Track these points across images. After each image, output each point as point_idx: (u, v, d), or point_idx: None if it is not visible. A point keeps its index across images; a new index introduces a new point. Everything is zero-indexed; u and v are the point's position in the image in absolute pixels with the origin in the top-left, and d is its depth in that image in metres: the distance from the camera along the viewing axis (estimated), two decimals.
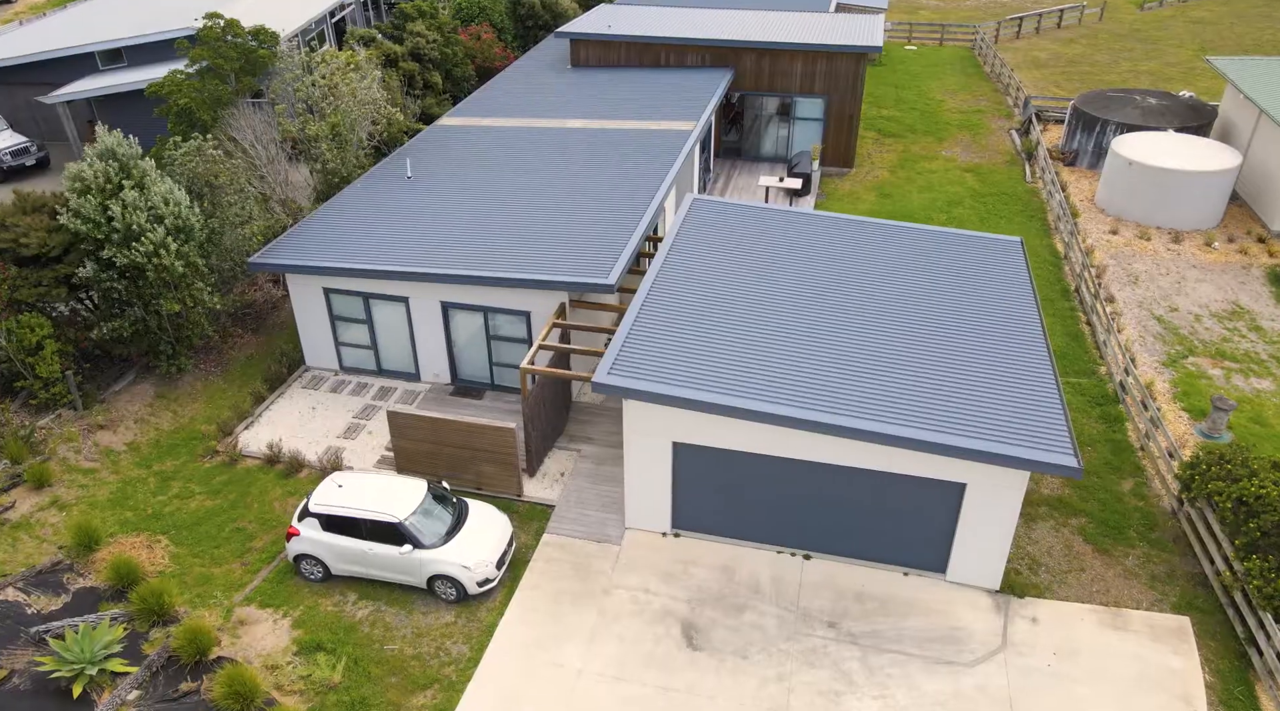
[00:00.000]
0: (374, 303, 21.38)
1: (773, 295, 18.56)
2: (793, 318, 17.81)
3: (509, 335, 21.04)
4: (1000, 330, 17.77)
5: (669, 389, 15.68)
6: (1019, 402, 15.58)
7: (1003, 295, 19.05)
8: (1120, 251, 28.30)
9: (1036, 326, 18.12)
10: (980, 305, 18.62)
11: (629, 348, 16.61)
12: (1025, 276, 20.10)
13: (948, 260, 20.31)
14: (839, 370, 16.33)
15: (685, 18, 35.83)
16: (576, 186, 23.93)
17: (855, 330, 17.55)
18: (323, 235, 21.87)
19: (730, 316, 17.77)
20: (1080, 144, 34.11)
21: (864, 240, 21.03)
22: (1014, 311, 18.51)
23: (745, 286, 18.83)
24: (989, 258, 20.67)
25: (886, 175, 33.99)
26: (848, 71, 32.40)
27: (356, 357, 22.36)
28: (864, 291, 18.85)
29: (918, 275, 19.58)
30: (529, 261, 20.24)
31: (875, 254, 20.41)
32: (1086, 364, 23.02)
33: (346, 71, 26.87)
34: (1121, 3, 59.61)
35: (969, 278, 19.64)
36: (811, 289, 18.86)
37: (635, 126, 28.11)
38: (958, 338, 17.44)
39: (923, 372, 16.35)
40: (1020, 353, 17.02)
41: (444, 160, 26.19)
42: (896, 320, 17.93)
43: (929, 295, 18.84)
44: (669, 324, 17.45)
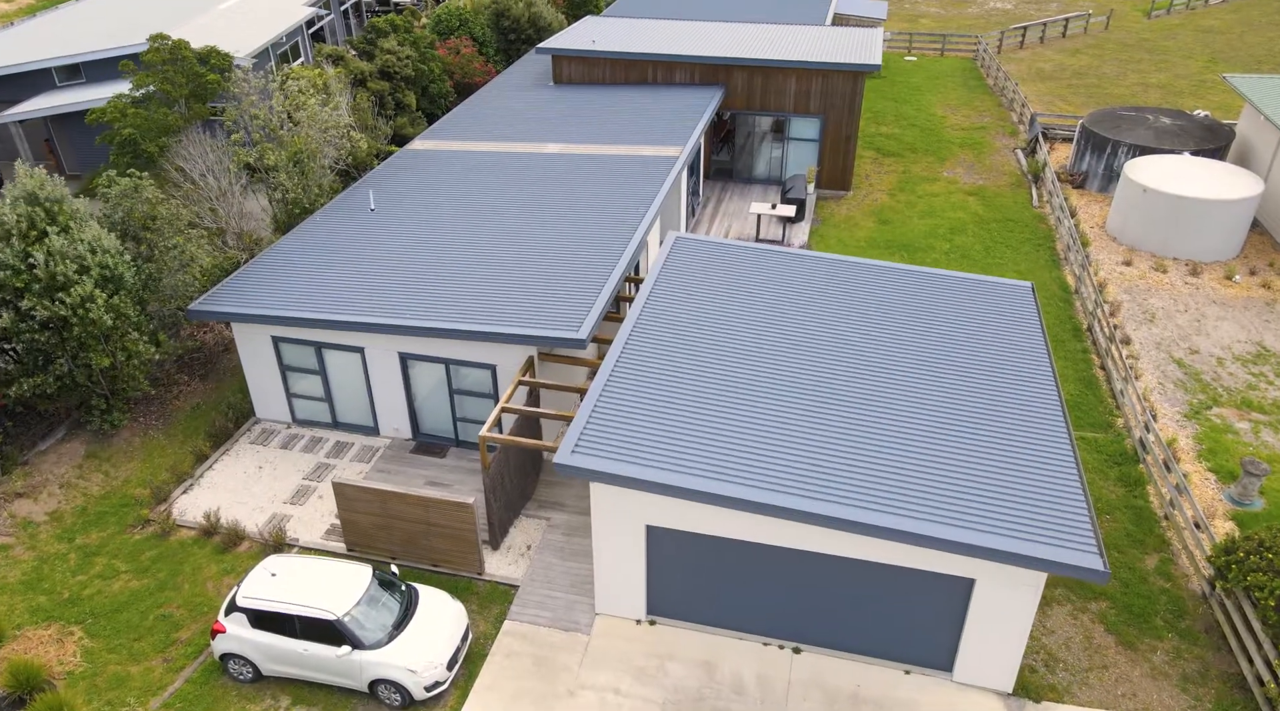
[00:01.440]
0: (327, 352, 19.61)
1: (760, 353, 16.79)
2: (782, 381, 16.03)
3: (473, 389, 19.27)
4: (1012, 396, 15.99)
5: (641, 471, 13.91)
6: (1035, 488, 13.80)
7: (1013, 353, 17.28)
8: (1135, 285, 26.53)
9: (1053, 392, 16.29)
10: (988, 365, 16.84)
11: (596, 421, 14.83)
12: (1038, 329, 18.32)
13: (952, 309, 18.54)
14: (832, 445, 14.55)
15: (674, 31, 34.07)
16: (550, 221, 22.16)
17: (850, 396, 15.78)
18: (272, 278, 20.09)
19: (712, 380, 15.99)
20: (1090, 166, 32.35)
21: (861, 286, 19.26)
22: (1026, 373, 16.73)
23: (730, 343, 17.06)
24: (997, 306, 18.90)
25: (886, 199, 32.23)
26: (845, 90, 30.63)
27: (310, 410, 20.59)
28: (861, 349, 17.07)
29: (919, 328, 17.81)
30: (494, 310, 18.47)
31: (873, 303, 18.63)
32: (1101, 415, 21.26)
33: (310, 95, 25.11)
34: (1128, 10, 57.91)
35: (976, 331, 17.86)
36: (803, 346, 17.09)
37: (617, 152, 26.34)
38: (964, 406, 15.66)
39: (925, 449, 14.58)
40: (1036, 425, 15.24)
41: (411, 189, 24.41)
42: (896, 384, 16.15)
43: (932, 353, 17.07)
44: (643, 390, 15.67)
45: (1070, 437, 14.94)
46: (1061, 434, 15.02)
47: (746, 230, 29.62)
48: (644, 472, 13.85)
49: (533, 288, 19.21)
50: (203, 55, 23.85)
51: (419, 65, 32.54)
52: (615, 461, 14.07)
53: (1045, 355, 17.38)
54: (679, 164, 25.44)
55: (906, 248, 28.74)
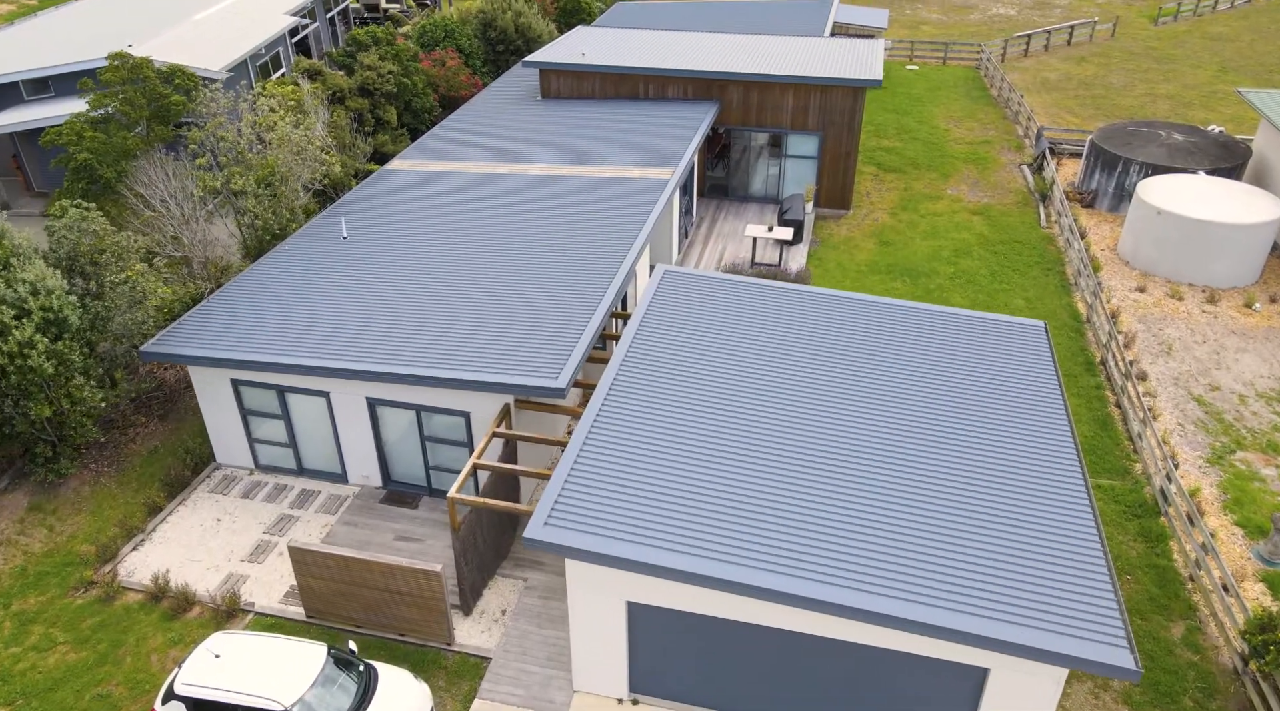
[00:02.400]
0: (290, 396, 18.31)
1: (753, 405, 15.48)
2: (776, 438, 14.73)
3: (446, 437, 17.97)
4: (1027, 456, 14.68)
5: (621, 547, 12.60)
6: (1055, 568, 12.49)
7: (1026, 404, 15.97)
8: (1149, 314, 25.23)
9: (1071, 452, 14.93)
10: (999, 418, 15.54)
11: (572, 489, 13.52)
12: (1053, 376, 17.00)
13: (959, 353, 17.23)
14: (829, 514, 13.25)
15: (667, 44, 32.78)
16: (532, 251, 20.85)
17: (850, 456, 14.48)
18: (231, 315, 18.78)
19: (701, 439, 14.69)
20: (1099, 184, 31.05)
21: (861, 326, 17.96)
22: (1041, 427, 15.43)
23: (720, 394, 15.75)
24: (1008, 347, 17.60)
25: (887, 218, 30.93)
26: (844, 106, 29.34)
27: (274, 455, 19.28)
28: (861, 400, 15.77)
29: (923, 376, 16.50)
30: (467, 354, 17.16)
31: (874, 346, 17.33)
32: (1118, 459, 19.96)
33: (282, 114, 23.82)
34: (1133, 17, 56.64)
35: (985, 379, 16.55)
36: (799, 397, 15.78)
37: (605, 174, 25.05)
38: (974, 468, 14.36)
39: (931, 518, 13.28)
40: (1054, 491, 13.94)
41: (386, 214, 23.10)
42: (899, 441, 14.85)
43: (937, 405, 15.76)
44: (624, 452, 14.36)
45: (1093, 508, 13.62)
46: (1083, 502, 13.71)
47: (742, 253, 28.33)
48: (624, 549, 12.55)
49: (510, 327, 17.91)
50: (167, 73, 22.53)
51: (401, 79, 31.24)
52: (592, 535, 12.76)
53: (1061, 407, 16.06)
54: (670, 187, 24.15)
55: (909, 272, 27.45)
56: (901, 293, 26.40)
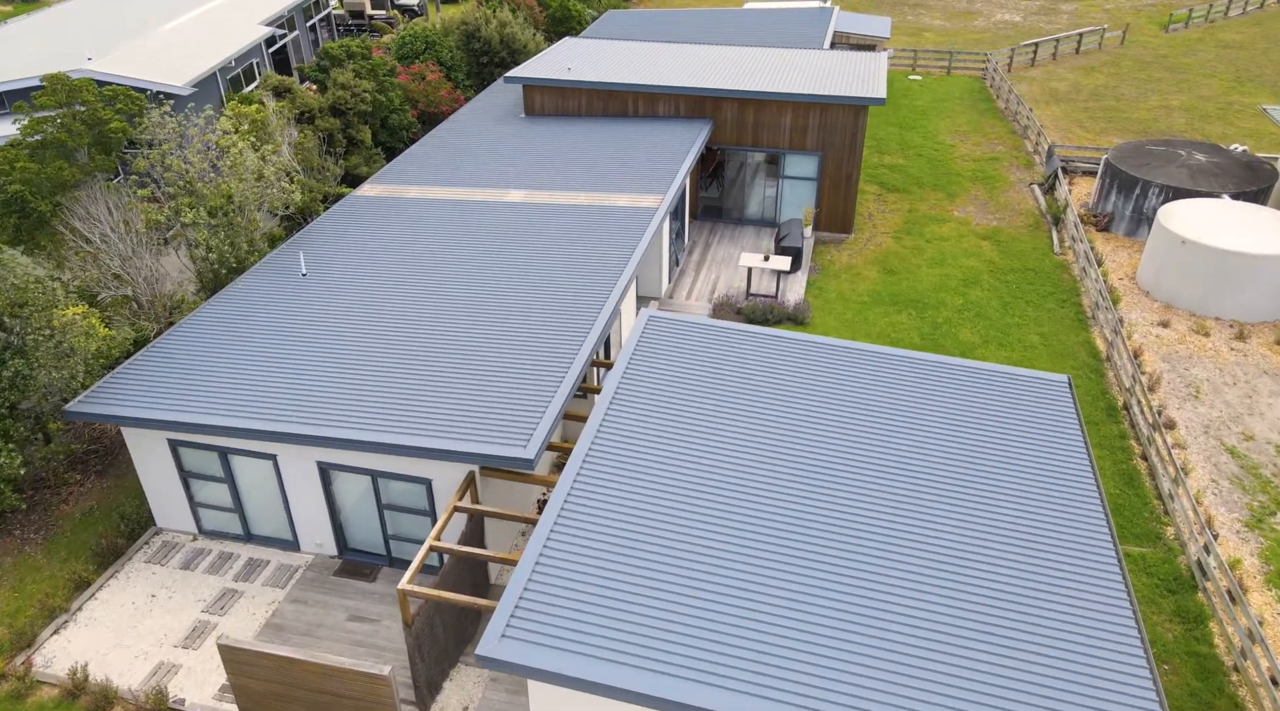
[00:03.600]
0: (234, 458, 16.54)
1: (746, 480, 13.72)
2: (773, 521, 12.97)
3: (406, 505, 16.20)
4: (1051, 534, 12.93)
5: (593, 668, 10.83)
6: (1088, 663, 10.73)
7: (1050, 472, 14.22)
8: (1174, 351, 23.48)
9: (1102, 524, 13.33)
10: (1020, 491, 13.78)
11: (535, 593, 11.76)
12: (1079, 438, 15.26)
13: (974, 413, 15.48)
14: (834, 622, 11.50)
15: (658, 57, 31.02)
16: (505, 292, 19.10)
17: (855, 540, 12.72)
18: (169, 368, 17.01)
19: (689, 524, 12.93)
20: (1116, 206, 29.30)
21: (866, 383, 16.20)
22: (1067, 499, 13.70)
23: (709, 465, 13.99)
24: (1028, 406, 15.85)
25: (891, 243, 29.17)
26: (845, 125, 27.59)
27: (218, 521, 17.51)
28: (866, 472, 14.00)
29: (935, 442, 14.74)
30: (427, 416, 15.39)
31: (881, 406, 15.56)
32: (1147, 522, 18.21)
33: (242, 137, 22.07)
34: (1143, 24, 54.91)
35: (1003, 444, 14.80)
36: (797, 468, 14.02)
37: (589, 201, 23.29)
38: (993, 549, 12.60)
39: (944, 614, 11.52)
40: (1083, 572, 12.18)
41: (350, 247, 21.35)
42: (908, 520, 13.09)
43: (950, 476, 14.01)
44: (600, 543, 12.60)
45: (1128, 592, 11.89)
46: (1117, 584, 12.02)
47: (737, 283, 26.57)
48: (596, 671, 10.78)
49: (476, 384, 16.14)
50: (110, 96, 20.75)
51: (377, 96, 29.48)
52: (560, 651, 11.00)
53: (1089, 474, 14.33)
54: (658, 217, 22.39)
55: (915, 304, 25.69)
56: (907, 326, 24.66)
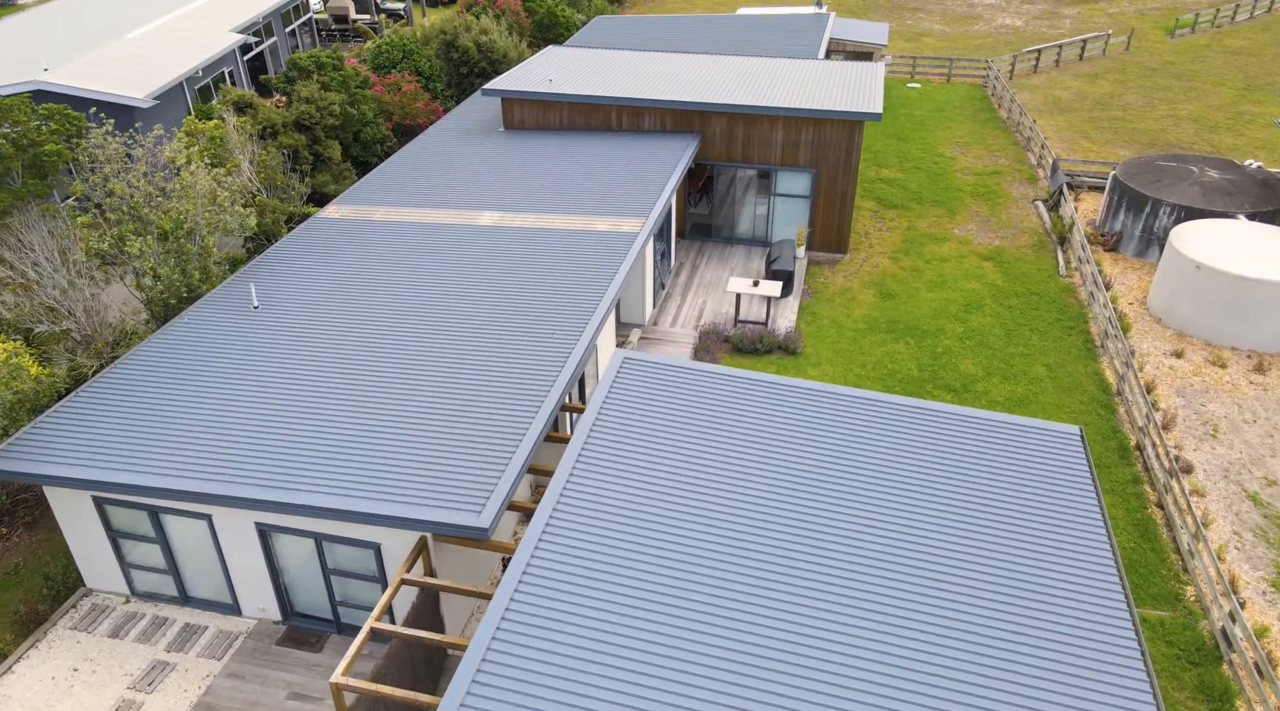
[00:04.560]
0: (166, 518, 15.10)
1: (726, 549, 12.28)
2: (759, 606, 11.53)
3: (353, 571, 14.76)
4: (1061, 603, 11.50)
5: None
6: None
7: (1059, 533, 12.79)
8: (1189, 385, 22.04)
9: (1117, 590, 12.00)
10: (1027, 555, 12.35)
11: (484, 688, 10.30)
12: (1091, 495, 13.86)
13: (978, 467, 14.04)
14: (831, 704, 10.08)
15: (644, 67, 29.57)
16: (468, 329, 17.66)
17: (846, 612, 11.28)
18: (97, 418, 15.56)
19: (662, 607, 11.49)
20: (1125, 225, 27.87)
21: (859, 432, 14.76)
22: (1079, 563, 12.29)
23: (685, 532, 12.55)
24: (1035, 461, 14.42)
25: (888, 264, 27.73)
26: (840, 141, 26.15)
27: (152, 582, 16.07)
28: (861, 532, 12.56)
29: (936, 498, 13.31)
30: (374, 475, 13.95)
31: (876, 461, 14.12)
32: (1166, 581, 16.77)
33: (193, 155, 20.64)
34: (1148, 29, 53.47)
35: (1008, 503, 13.37)
36: (783, 531, 12.58)
37: (566, 225, 21.85)
38: (997, 618, 11.16)
39: (940, 705, 10.11)
40: (1097, 646, 10.74)
41: (307, 277, 19.91)
42: (904, 587, 11.65)
43: (953, 539, 12.57)
44: (559, 625, 11.15)
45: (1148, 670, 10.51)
46: (1135, 660, 10.60)
47: (725, 308, 25.13)
48: None
49: (432, 438, 14.69)
50: (46, 115, 19.31)
51: (348, 109, 28.03)
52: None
53: (1103, 535, 12.95)
54: (640, 242, 20.95)
55: (913, 331, 24.25)
56: (904, 357, 23.22)
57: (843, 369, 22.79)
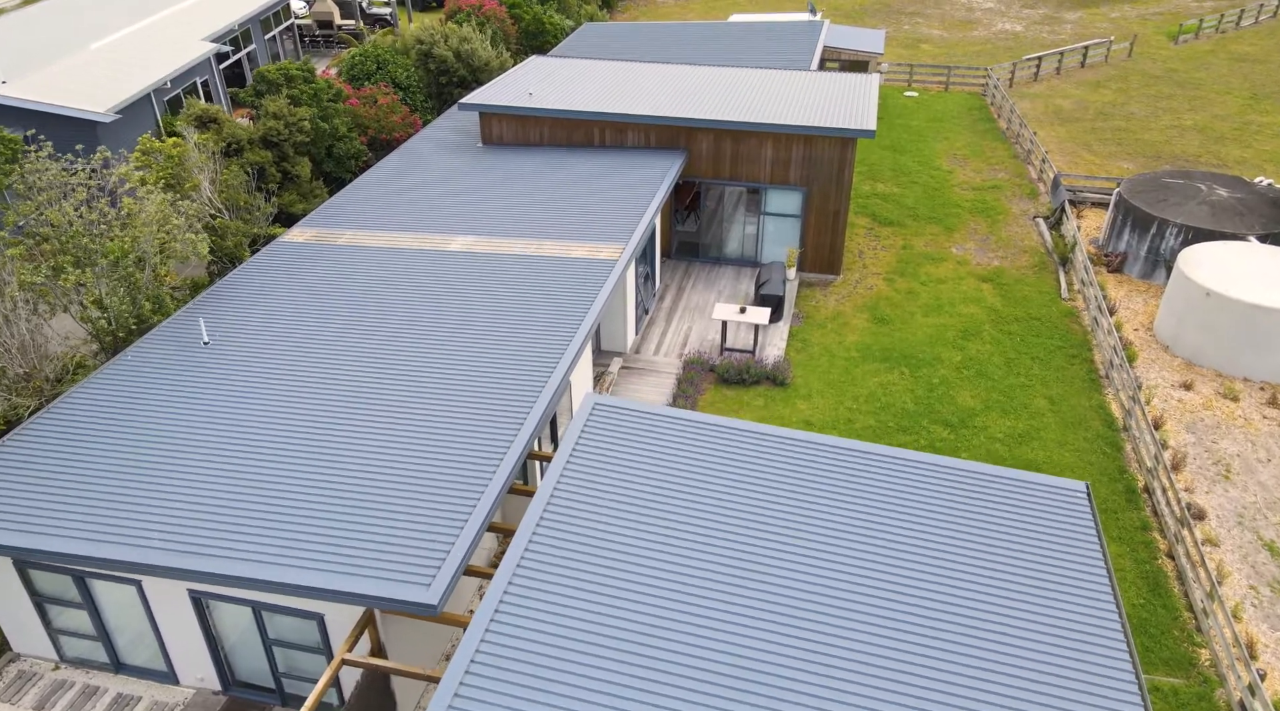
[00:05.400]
0: (93, 583, 13.91)
1: (704, 631, 11.08)
2: (743, 681, 10.33)
3: (296, 642, 13.58)
4: (1064, 677, 10.34)
5: None
6: None
7: (1062, 600, 11.61)
8: (1199, 420, 20.86)
9: (1125, 663, 10.89)
10: (1027, 624, 11.17)
11: None
12: (1098, 557, 12.70)
13: (976, 527, 12.87)
14: None
15: (630, 80, 28.38)
16: (427, 371, 16.46)
17: (835, 698, 10.12)
18: (19, 473, 14.35)
19: (629, 684, 10.30)
20: (1130, 246, 26.69)
21: (849, 487, 13.58)
22: (1082, 633, 11.14)
23: (659, 604, 11.36)
24: (1038, 519, 13.24)
25: (883, 286, 26.54)
26: (832, 158, 24.96)
27: (82, 648, 14.88)
28: (850, 597, 11.37)
29: (930, 559, 12.12)
30: (316, 541, 12.76)
31: (865, 516, 12.93)
32: (1178, 642, 15.59)
33: (145, 177, 19.47)
34: (1151, 34, 52.29)
35: (1010, 567, 12.19)
36: (770, 603, 11.38)
37: (541, 251, 20.66)
38: (995, 695, 10.01)
39: None
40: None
41: (262, 309, 18.71)
42: (896, 660, 10.46)
43: (948, 602, 11.39)
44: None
45: None
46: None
47: (711, 334, 23.94)
48: None
49: (381, 498, 13.50)
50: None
51: (320, 124, 26.83)
52: None
53: (1110, 600, 11.84)
54: (617, 270, 19.76)
55: (908, 360, 23.06)
56: (899, 388, 22.03)
57: (834, 401, 21.61)
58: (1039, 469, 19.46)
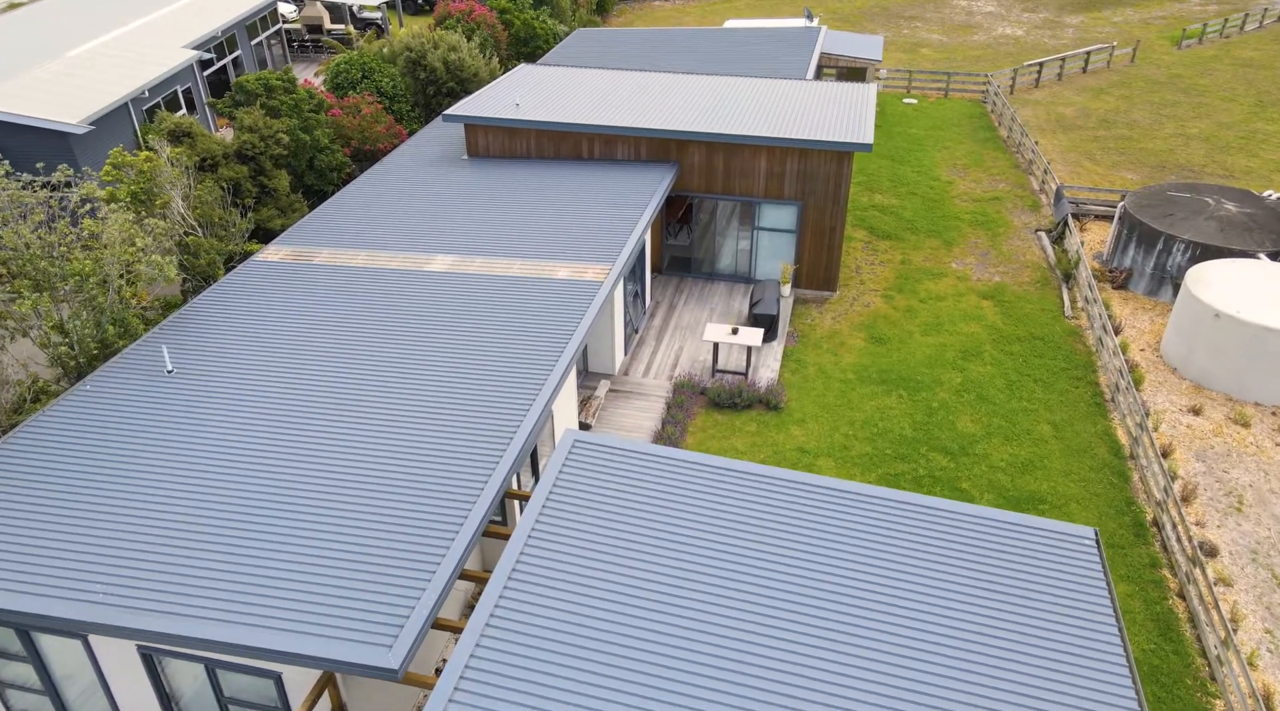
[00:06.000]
0: (37, 636, 13.07)
1: (687, 679, 10.25)
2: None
3: (252, 700, 12.74)
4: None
5: None
6: None
7: (1069, 656, 10.77)
8: (1209, 447, 20.04)
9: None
10: (1035, 683, 10.36)
11: None
12: (1108, 609, 11.88)
13: (972, 577, 12.03)
14: None
15: (620, 90, 27.55)
16: (399, 404, 15.62)
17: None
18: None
19: None
20: (1135, 262, 25.87)
21: (840, 533, 12.75)
22: (1091, 692, 10.34)
23: (639, 657, 10.52)
24: (1041, 569, 12.41)
25: (880, 303, 25.72)
26: (828, 172, 24.14)
27: (29, 701, 14.03)
28: (842, 654, 10.53)
29: (929, 610, 11.28)
30: (272, 595, 11.92)
31: (861, 565, 12.10)
32: (1191, 692, 14.76)
33: (120, 192, 18.65)
34: (1153, 39, 51.50)
35: (1013, 617, 11.35)
36: (760, 655, 10.55)
37: (525, 271, 19.83)
38: None
39: None
40: None
41: (230, 335, 17.87)
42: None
43: (947, 656, 10.55)
44: None
45: None
46: None
47: (703, 355, 23.11)
48: None
49: (345, 545, 12.67)
50: None
51: (300, 136, 25.99)
52: None
53: (1121, 655, 11.01)
54: (604, 291, 18.93)
55: (906, 383, 22.24)
56: (897, 413, 21.21)
57: (829, 427, 20.78)
58: (1043, 500, 18.65)
